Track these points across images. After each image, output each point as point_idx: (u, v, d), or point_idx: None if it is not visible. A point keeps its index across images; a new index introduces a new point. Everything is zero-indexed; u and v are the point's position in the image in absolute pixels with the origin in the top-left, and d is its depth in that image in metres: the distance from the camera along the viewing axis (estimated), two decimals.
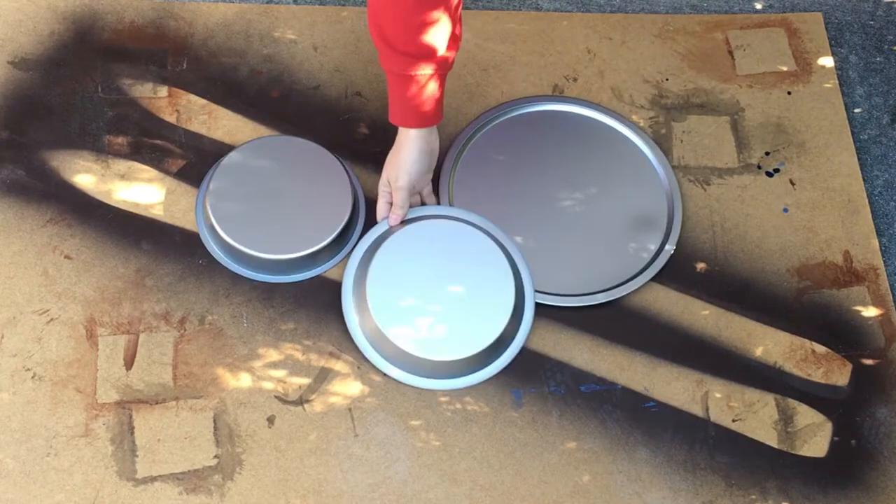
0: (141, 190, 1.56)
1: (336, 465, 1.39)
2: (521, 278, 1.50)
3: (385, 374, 1.44)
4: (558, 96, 1.70)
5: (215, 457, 1.38)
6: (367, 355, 1.45)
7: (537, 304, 1.52)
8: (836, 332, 1.54)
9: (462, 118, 1.67)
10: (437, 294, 1.47)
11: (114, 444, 1.37)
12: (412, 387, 1.44)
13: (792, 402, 1.48)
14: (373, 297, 1.45)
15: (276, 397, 1.42)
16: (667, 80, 1.74)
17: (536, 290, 1.52)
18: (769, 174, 1.67)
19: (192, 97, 1.64)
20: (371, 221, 1.56)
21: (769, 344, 1.53)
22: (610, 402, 1.47)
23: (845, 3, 1.88)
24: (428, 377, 1.44)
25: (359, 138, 1.64)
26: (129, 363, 1.42)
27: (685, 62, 1.77)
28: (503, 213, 1.58)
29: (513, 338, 1.48)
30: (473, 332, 1.45)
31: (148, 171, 1.57)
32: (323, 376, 1.44)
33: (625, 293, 1.54)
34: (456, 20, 1.30)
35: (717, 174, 1.66)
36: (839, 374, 1.51)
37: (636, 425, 1.45)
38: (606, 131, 1.68)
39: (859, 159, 1.70)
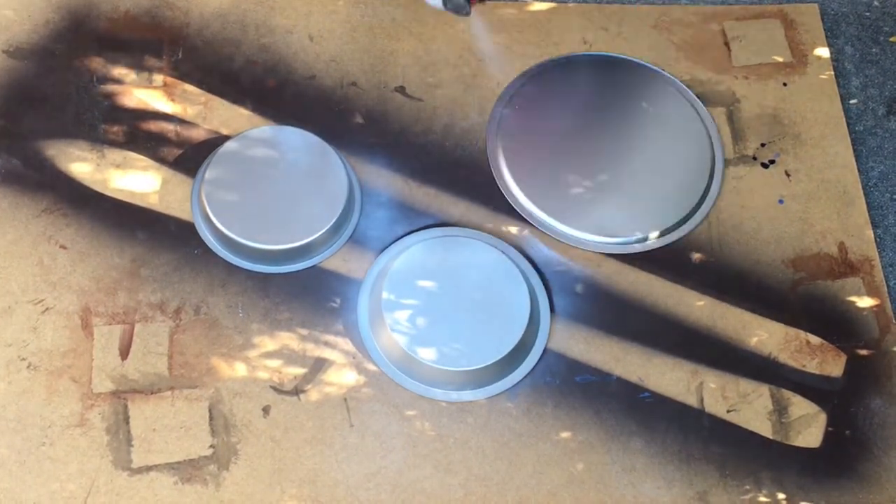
0: (136, 179, 1.55)
1: (331, 454, 1.39)
2: (534, 290, 1.51)
3: (404, 387, 1.45)
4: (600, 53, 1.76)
5: (211, 446, 1.38)
6: (386, 371, 1.46)
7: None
8: (831, 323, 1.55)
9: (458, 108, 1.67)
10: (454, 308, 1.47)
11: (109, 433, 1.37)
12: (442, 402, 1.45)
13: (786, 393, 1.49)
14: (390, 317, 1.45)
15: (271, 387, 1.42)
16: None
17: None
18: (765, 165, 1.67)
19: (188, 87, 1.64)
20: (367, 211, 1.57)
21: (764, 335, 1.53)
22: (605, 393, 1.47)
23: None
24: (451, 389, 1.45)
25: (354, 128, 1.64)
26: (124, 353, 1.42)
27: (681, 53, 1.76)
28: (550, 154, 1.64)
29: (532, 345, 1.49)
30: (493, 342, 1.45)
31: (143, 161, 1.57)
32: (318, 366, 1.44)
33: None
34: None
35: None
36: (833, 365, 1.52)
37: (631, 416, 1.46)
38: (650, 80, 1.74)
39: (855, 151, 1.70)
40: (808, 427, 1.47)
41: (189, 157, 1.58)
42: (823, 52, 1.79)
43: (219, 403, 1.41)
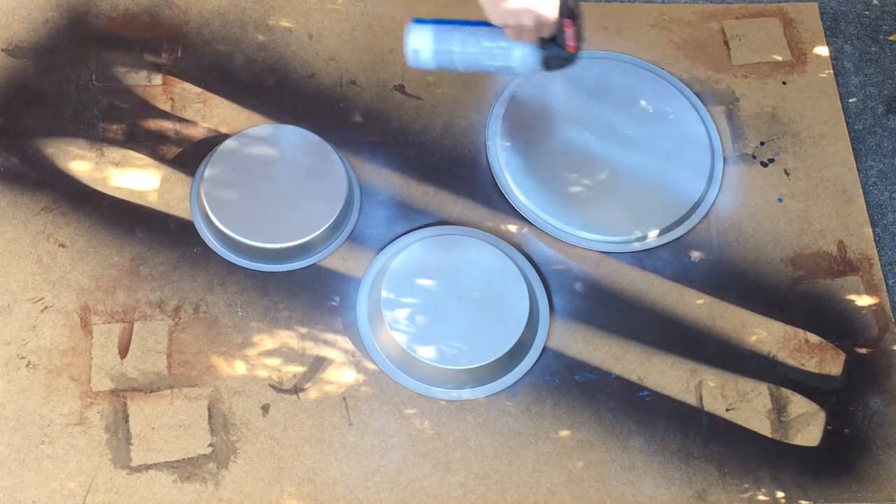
0: (135, 178, 1.55)
1: (330, 453, 1.39)
2: (533, 289, 1.51)
3: (402, 385, 1.45)
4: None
5: (210, 445, 1.38)
6: (385, 370, 1.45)
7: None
8: (830, 321, 1.55)
9: (458, 107, 1.67)
10: (454, 306, 1.47)
11: (108, 432, 1.37)
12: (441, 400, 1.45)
13: (785, 392, 1.49)
14: (389, 315, 1.45)
15: (270, 386, 1.42)
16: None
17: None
18: (764, 164, 1.67)
19: (187, 85, 1.64)
20: (366, 210, 1.57)
21: (763, 333, 1.53)
22: (604, 392, 1.47)
23: None
24: (449, 387, 1.45)
25: (354, 127, 1.63)
26: (123, 351, 1.42)
27: (681, 52, 1.76)
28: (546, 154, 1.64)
29: (531, 343, 1.49)
30: (492, 340, 1.45)
31: (142, 160, 1.57)
32: (317, 365, 1.44)
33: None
34: None
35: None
36: (832, 364, 1.52)
37: (630, 414, 1.46)
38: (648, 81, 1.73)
39: (854, 149, 1.70)
40: (807, 425, 1.47)
41: (188, 155, 1.58)
42: (823, 50, 1.79)
43: (218, 402, 1.41)
